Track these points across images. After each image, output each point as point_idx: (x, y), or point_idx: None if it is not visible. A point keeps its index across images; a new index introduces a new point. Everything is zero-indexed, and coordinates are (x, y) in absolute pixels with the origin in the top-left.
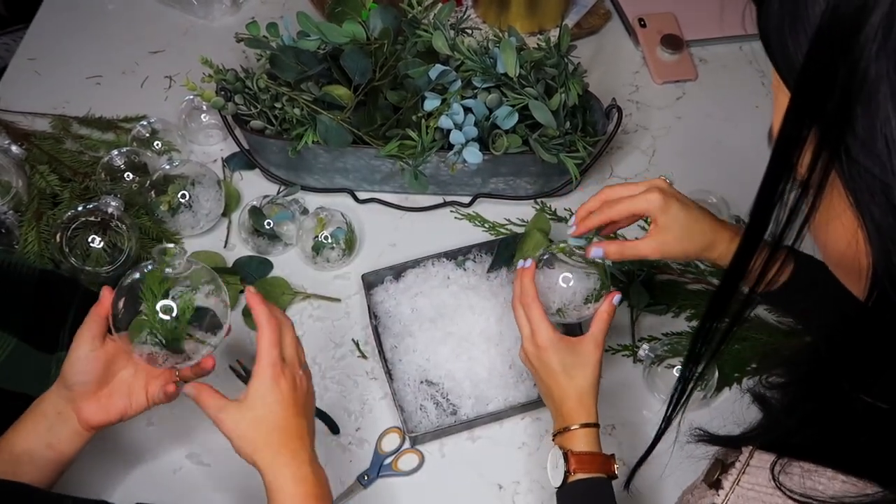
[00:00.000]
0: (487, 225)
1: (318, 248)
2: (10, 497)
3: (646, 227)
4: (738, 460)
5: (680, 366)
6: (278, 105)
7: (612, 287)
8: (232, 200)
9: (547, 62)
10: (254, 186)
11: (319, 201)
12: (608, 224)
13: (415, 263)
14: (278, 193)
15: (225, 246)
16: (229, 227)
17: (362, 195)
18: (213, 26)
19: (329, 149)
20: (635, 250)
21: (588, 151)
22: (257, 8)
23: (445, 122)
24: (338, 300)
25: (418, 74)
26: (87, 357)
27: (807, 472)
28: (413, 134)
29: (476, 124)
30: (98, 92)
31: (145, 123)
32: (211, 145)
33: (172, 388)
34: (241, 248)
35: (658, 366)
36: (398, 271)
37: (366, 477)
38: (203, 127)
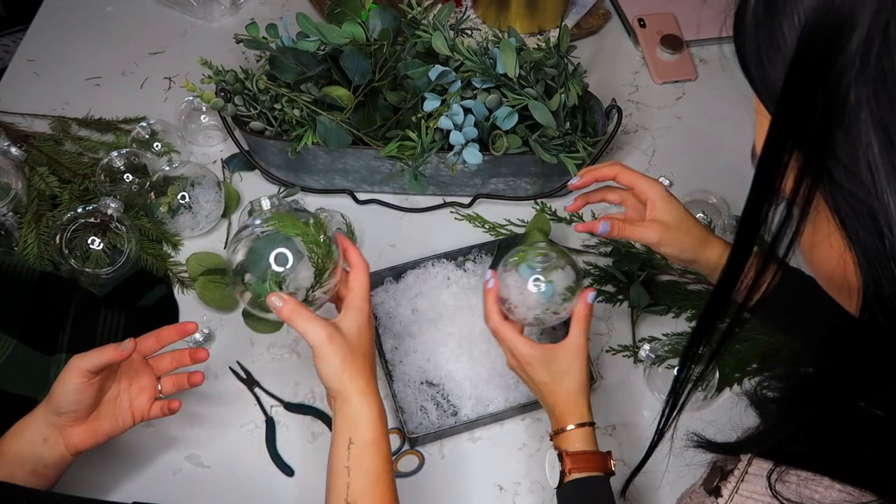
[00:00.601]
0: (487, 225)
1: None
2: (1, 497)
3: None
4: (737, 468)
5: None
6: (278, 106)
7: (586, 284)
8: (232, 202)
9: (547, 62)
10: (254, 187)
11: (319, 202)
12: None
13: (415, 264)
14: (278, 194)
15: (225, 247)
16: (229, 228)
17: (362, 196)
18: (213, 27)
19: (329, 150)
20: (637, 232)
21: (588, 152)
22: (257, 9)
23: (445, 123)
24: None
25: (418, 75)
26: (81, 387)
27: (804, 481)
28: (413, 135)
29: (476, 125)
30: (97, 93)
31: (145, 125)
32: (210, 146)
33: (177, 404)
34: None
35: (659, 366)
36: (398, 272)
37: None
38: (203, 128)
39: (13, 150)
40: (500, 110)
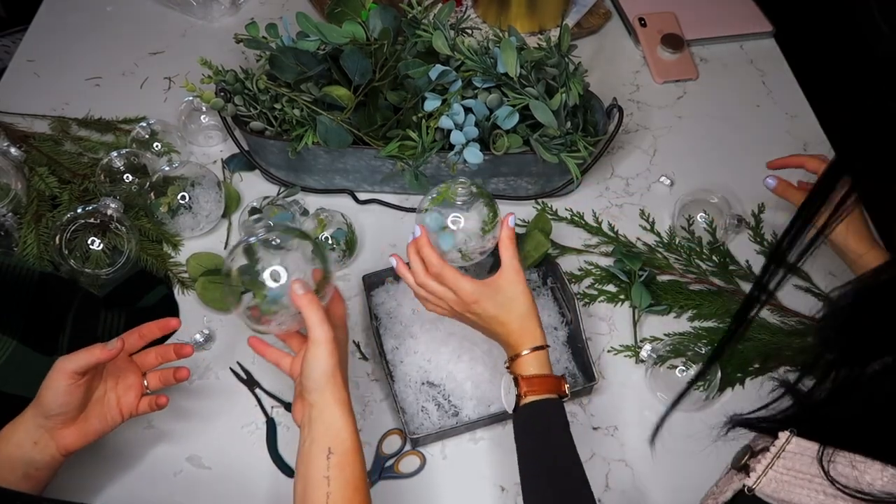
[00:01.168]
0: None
1: None
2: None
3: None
4: (773, 444)
5: (682, 365)
6: (278, 106)
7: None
8: (232, 202)
9: (547, 62)
10: (254, 187)
11: (319, 202)
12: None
13: None
14: (278, 194)
15: (225, 247)
16: (229, 229)
17: (362, 196)
18: (213, 27)
19: (329, 149)
20: (798, 195)
21: (589, 151)
22: (256, 9)
23: (446, 123)
24: None
25: (418, 75)
26: (69, 389)
27: (855, 464)
28: (413, 134)
29: (476, 124)
30: (97, 93)
31: (145, 125)
32: (210, 146)
33: (164, 400)
34: None
35: (660, 366)
36: None
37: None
38: (203, 128)
39: (13, 151)
40: (501, 110)
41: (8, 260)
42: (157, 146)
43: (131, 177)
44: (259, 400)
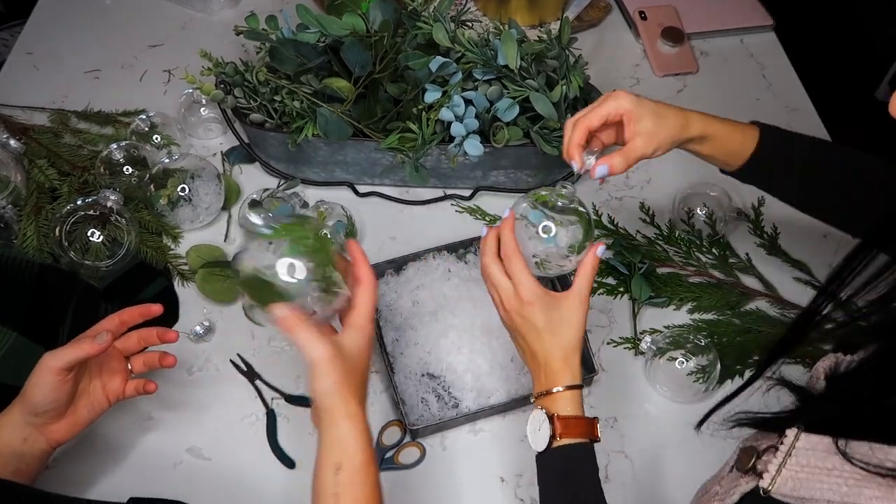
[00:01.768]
0: (488, 218)
1: None
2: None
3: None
4: (781, 443)
5: (682, 357)
6: (278, 98)
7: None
8: (232, 194)
9: (548, 54)
10: (254, 180)
11: (319, 194)
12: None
13: (415, 256)
14: (278, 187)
15: (225, 240)
16: (229, 221)
17: (362, 188)
18: (212, 20)
19: (329, 142)
20: (634, 152)
21: None
22: (256, 1)
23: (446, 115)
24: None
25: (419, 66)
26: (57, 385)
27: (872, 450)
28: (413, 126)
29: (477, 116)
30: (97, 86)
31: (144, 117)
32: (210, 139)
33: (153, 386)
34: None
35: (660, 358)
36: (399, 264)
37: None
38: (202, 120)
39: (12, 143)
40: (501, 102)
41: (8, 252)
42: (157, 138)
43: (131, 169)
44: (259, 391)
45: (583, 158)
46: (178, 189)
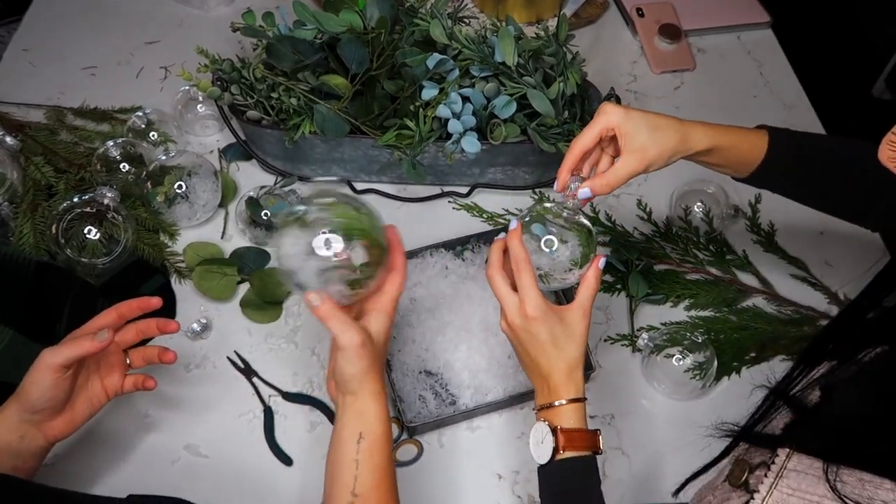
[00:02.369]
0: (486, 215)
1: None
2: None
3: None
4: (773, 462)
5: (679, 354)
6: (275, 95)
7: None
8: (229, 191)
9: (545, 51)
10: (251, 177)
11: None
12: (583, 163)
13: (413, 254)
14: (275, 184)
15: (222, 237)
16: (226, 218)
17: (359, 185)
18: (209, 16)
19: (326, 139)
20: (618, 173)
21: None
22: None
23: (443, 112)
24: None
25: (416, 63)
26: (55, 383)
27: (861, 482)
28: (411, 123)
29: (474, 113)
30: (93, 83)
31: (141, 114)
32: (207, 136)
33: (152, 383)
34: (239, 239)
35: (657, 355)
36: None
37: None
38: (199, 117)
39: (8, 140)
40: (499, 99)
41: (4, 249)
42: (154, 136)
43: (128, 166)
44: (256, 389)
45: (566, 182)
46: (175, 186)
